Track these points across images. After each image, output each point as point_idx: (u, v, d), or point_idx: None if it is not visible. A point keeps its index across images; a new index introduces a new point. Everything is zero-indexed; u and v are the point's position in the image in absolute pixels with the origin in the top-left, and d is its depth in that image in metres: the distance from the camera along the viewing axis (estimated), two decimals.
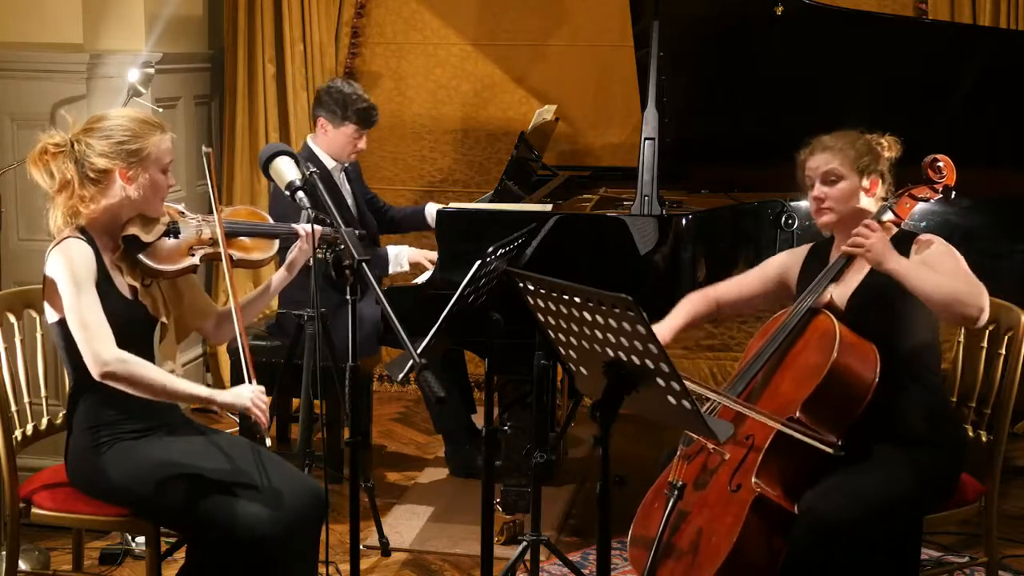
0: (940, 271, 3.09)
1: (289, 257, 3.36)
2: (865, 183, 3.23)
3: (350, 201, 4.80)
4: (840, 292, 3.23)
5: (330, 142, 4.72)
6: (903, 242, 3.18)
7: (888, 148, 3.29)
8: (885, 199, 3.26)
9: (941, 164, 3.24)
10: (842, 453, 3.01)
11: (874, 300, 3.17)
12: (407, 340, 2.86)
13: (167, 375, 3.02)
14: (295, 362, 4.20)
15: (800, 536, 2.96)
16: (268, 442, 3.05)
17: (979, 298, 3.03)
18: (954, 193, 3.29)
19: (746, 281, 3.51)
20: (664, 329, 3.40)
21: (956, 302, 3.01)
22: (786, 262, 3.46)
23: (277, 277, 3.36)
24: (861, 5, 5.24)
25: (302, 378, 4.09)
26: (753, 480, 2.98)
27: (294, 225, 3.34)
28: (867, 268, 3.18)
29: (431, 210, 4.91)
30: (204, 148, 3.25)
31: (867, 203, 3.24)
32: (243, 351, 3.02)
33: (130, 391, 2.97)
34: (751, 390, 3.18)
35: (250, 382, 3.01)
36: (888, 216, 3.20)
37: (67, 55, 4.68)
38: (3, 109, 4.64)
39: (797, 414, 3.01)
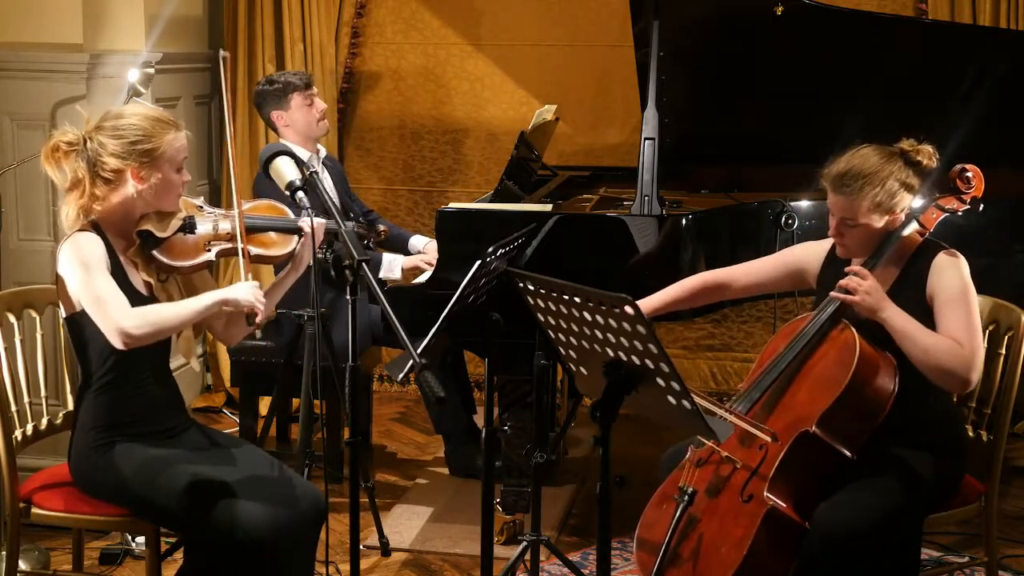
0: (942, 323, 3.01)
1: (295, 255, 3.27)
2: (883, 221, 3.11)
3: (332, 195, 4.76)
4: None
5: (293, 127, 4.67)
6: (927, 251, 3.12)
7: (927, 158, 3.13)
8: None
9: (970, 174, 3.15)
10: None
11: None
12: (407, 340, 2.86)
13: (179, 306, 3.04)
14: (295, 362, 4.20)
15: (811, 551, 2.93)
16: (259, 333, 3.05)
17: (969, 370, 2.97)
18: (982, 205, 3.18)
19: (762, 264, 3.44)
20: (653, 301, 3.39)
21: (942, 374, 2.97)
22: (806, 255, 3.37)
23: (284, 274, 3.29)
24: (861, 5, 5.24)
25: (302, 378, 4.09)
26: (765, 494, 2.94)
27: (299, 221, 3.22)
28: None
29: (415, 241, 4.93)
30: (221, 52, 3.22)
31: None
32: (241, 254, 3.09)
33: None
34: (766, 399, 3.11)
35: (246, 279, 3.07)
36: (914, 227, 3.12)
37: (67, 55, 4.67)
38: (3, 109, 4.64)
39: (813, 428, 2.96)
